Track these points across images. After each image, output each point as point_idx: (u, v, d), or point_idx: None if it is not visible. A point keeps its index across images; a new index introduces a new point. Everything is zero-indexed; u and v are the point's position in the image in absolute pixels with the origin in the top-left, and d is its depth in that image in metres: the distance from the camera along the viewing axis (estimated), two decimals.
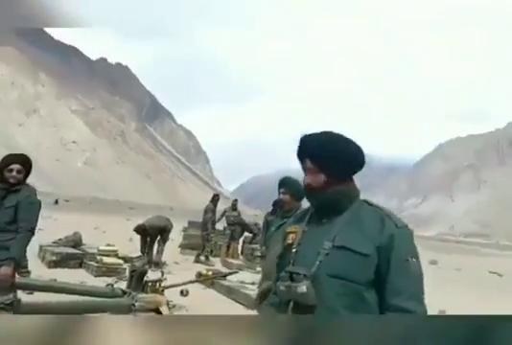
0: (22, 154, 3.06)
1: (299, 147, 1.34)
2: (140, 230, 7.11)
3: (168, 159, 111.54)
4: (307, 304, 1.16)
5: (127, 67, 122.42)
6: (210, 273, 5.97)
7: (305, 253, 1.21)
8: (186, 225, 10.45)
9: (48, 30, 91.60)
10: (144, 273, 4.34)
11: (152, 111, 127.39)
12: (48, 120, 76.15)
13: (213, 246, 9.00)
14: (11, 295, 2.90)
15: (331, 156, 1.26)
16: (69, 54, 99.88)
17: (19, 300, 2.96)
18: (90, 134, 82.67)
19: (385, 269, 1.15)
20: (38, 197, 3.18)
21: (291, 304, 1.17)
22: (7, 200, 2.87)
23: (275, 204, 3.76)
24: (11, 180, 2.87)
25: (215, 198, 8.68)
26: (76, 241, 6.87)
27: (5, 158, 2.95)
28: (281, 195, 2.91)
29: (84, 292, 4.02)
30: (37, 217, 2.90)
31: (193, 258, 8.36)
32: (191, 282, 5.09)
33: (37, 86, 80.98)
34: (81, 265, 6.26)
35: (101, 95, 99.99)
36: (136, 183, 74.27)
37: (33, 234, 2.85)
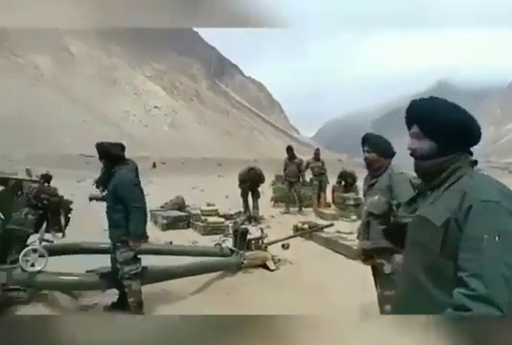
0: (96, 143, 3.23)
1: (408, 111, 1.33)
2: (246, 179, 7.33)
3: (244, 113, 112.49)
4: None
5: (188, 27, 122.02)
6: (306, 226, 6.14)
7: None
8: (273, 178, 10.64)
9: None
10: (246, 232, 4.60)
11: (220, 67, 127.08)
12: (128, 88, 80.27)
13: (302, 197, 9.11)
14: (137, 265, 3.27)
15: (440, 123, 1.21)
16: None
17: (146, 268, 3.33)
18: (168, 98, 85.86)
19: (460, 243, 1.11)
20: (139, 162, 3.46)
21: None
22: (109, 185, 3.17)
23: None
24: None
25: (288, 151, 8.57)
26: (180, 204, 7.47)
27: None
28: (366, 154, 2.68)
29: (197, 253, 4.41)
30: (138, 194, 3.13)
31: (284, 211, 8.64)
32: (290, 237, 5.30)
33: (112, 58, 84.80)
34: (188, 226, 6.85)
35: (171, 58, 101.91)
36: (219, 141, 76.73)
37: (140, 208, 3.07)
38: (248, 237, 4.66)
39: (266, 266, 4.51)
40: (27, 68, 68.66)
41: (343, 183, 9.13)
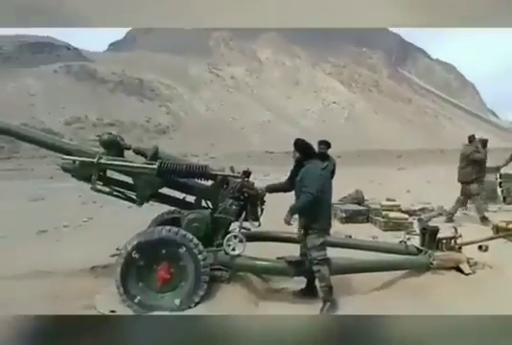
0: (296, 139, 3.65)
1: None
2: None
3: (427, 99, 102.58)
4: None
5: None
6: (510, 226, 5.24)
7: None
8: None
9: None
10: (436, 231, 4.23)
11: (402, 53, 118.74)
12: (309, 87, 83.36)
13: (505, 193, 7.81)
14: (324, 251, 3.48)
15: None
16: None
17: (329, 258, 3.48)
18: (346, 92, 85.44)
19: None
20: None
21: None
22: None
23: None
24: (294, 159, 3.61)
25: (470, 140, 7.07)
26: (359, 199, 7.42)
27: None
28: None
29: (379, 249, 4.30)
30: (314, 182, 3.36)
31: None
32: (491, 238, 4.62)
33: (295, 60, 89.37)
34: (367, 220, 6.75)
35: (349, 51, 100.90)
36: (398, 130, 72.30)
37: (311, 195, 3.33)
38: (439, 236, 4.29)
39: (459, 269, 4.07)
40: (226, 79, 78.93)
41: None
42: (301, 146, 3.56)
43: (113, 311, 3.41)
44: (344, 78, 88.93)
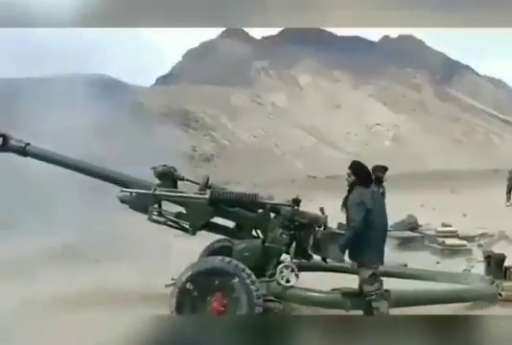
0: (352, 161, 3.61)
1: None
2: None
3: (477, 117, 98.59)
4: None
5: (411, 35, 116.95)
6: None
7: None
8: None
9: (330, 29, 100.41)
10: (503, 259, 3.96)
11: (447, 71, 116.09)
12: (351, 110, 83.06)
13: None
14: (377, 284, 3.28)
15: None
16: (352, 43, 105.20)
17: (388, 291, 3.31)
18: (390, 113, 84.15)
19: None
20: None
21: None
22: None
23: None
24: (346, 183, 3.49)
25: None
26: (412, 224, 7.13)
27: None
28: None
29: (445, 279, 4.05)
30: (356, 213, 3.27)
31: None
32: None
33: (335, 83, 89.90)
34: (423, 247, 6.43)
35: (391, 72, 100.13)
36: (448, 151, 69.53)
37: (353, 228, 3.26)
38: (506, 264, 3.99)
39: None
40: (266, 106, 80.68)
41: None
42: (357, 168, 3.46)
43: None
44: (387, 99, 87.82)
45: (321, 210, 3.84)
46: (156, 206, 3.98)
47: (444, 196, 16.63)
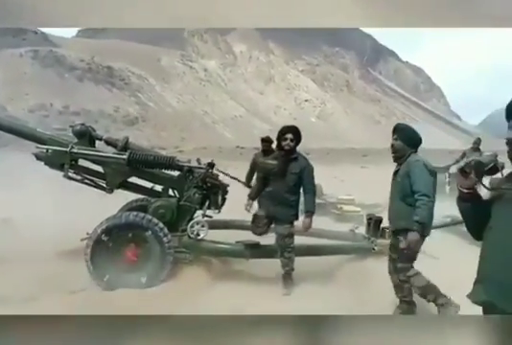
0: (293, 126, 3.79)
1: (509, 107, 1.49)
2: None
3: (396, 101, 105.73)
4: None
5: None
6: (449, 219, 5.84)
7: None
8: None
9: None
10: (380, 221, 4.74)
11: (374, 54, 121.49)
12: (282, 84, 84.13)
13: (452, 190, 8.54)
14: (292, 240, 3.83)
15: None
16: None
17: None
18: (319, 90, 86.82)
19: None
20: None
21: None
22: (291, 167, 3.68)
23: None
24: (286, 147, 3.64)
25: None
26: (317, 193, 7.91)
27: (281, 129, 3.75)
28: (392, 141, 3.07)
29: (334, 236, 4.79)
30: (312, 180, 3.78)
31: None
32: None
33: (269, 56, 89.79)
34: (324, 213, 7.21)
35: (323, 50, 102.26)
36: (366, 130, 74.34)
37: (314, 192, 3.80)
38: (382, 225, 4.79)
39: None
40: (198, 71, 78.18)
41: None
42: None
43: (83, 290, 3.70)
44: (317, 76, 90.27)
45: (197, 160, 4.30)
46: (73, 164, 4.07)
47: (355, 171, 18.21)
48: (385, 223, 4.88)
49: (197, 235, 3.87)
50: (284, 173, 3.65)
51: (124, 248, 3.67)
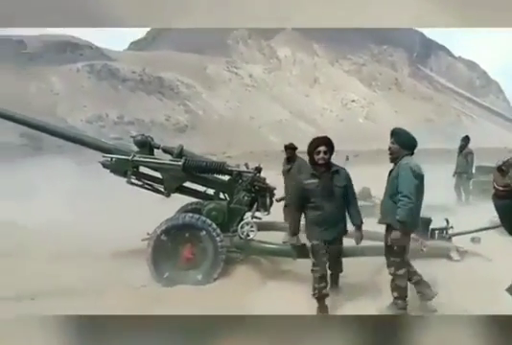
0: (325, 137, 3.48)
1: None
2: None
3: (450, 98, 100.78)
4: None
5: None
6: None
7: None
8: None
9: None
10: (429, 221, 4.72)
11: (424, 50, 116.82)
12: (327, 85, 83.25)
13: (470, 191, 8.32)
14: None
15: None
16: None
17: None
18: (366, 90, 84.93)
19: None
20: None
21: None
22: (336, 181, 3.36)
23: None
24: (321, 162, 3.33)
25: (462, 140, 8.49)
26: (365, 195, 7.91)
27: (312, 142, 3.39)
28: (390, 144, 3.33)
29: (379, 238, 4.81)
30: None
31: (484, 206, 7.94)
32: (480, 230, 5.07)
33: (314, 57, 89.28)
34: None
35: (369, 48, 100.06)
36: (418, 129, 71.16)
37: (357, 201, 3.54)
38: (431, 226, 4.77)
39: (449, 257, 4.55)
40: (244, 77, 79.57)
41: None
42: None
43: (144, 286, 4.05)
44: (364, 76, 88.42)
45: (246, 165, 4.50)
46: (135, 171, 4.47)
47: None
48: (436, 224, 4.89)
49: (247, 235, 4.10)
50: (331, 190, 3.33)
51: (181, 247, 3.99)
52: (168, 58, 77.41)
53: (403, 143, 3.29)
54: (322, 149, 3.34)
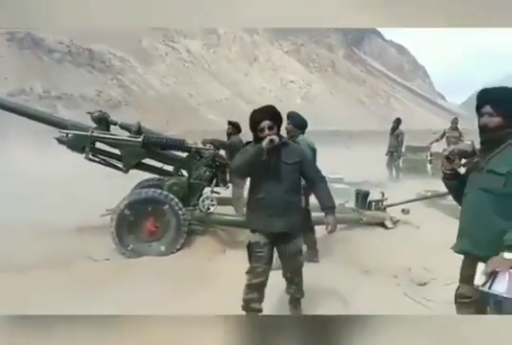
0: (268, 107, 2.68)
1: (481, 94, 1.96)
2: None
3: (381, 81, 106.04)
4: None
5: None
6: (429, 194, 6.46)
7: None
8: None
9: None
10: (367, 194, 5.31)
11: (359, 34, 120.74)
12: (267, 65, 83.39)
13: (433, 169, 9.23)
14: None
15: (510, 104, 1.83)
16: None
17: None
18: (304, 71, 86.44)
19: None
20: None
21: None
22: (284, 156, 2.66)
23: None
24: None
25: (393, 122, 9.45)
26: None
27: (253, 116, 2.64)
28: (286, 125, 3.85)
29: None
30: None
31: (413, 181, 8.88)
32: (409, 201, 5.78)
33: (254, 36, 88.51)
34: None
35: (308, 29, 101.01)
36: (351, 111, 74.85)
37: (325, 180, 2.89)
38: (369, 199, 5.36)
39: (384, 225, 5.19)
40: (182, 52, 76.82)
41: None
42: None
43: (108, 259, 4.18)
44: (302, 57, 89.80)
45: (202, 142, 4.78)
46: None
47: (341, 152, 18.81)
48: (372, 197, 5.50)
49: (208, 209, 4.37)
50: (277, 167, 2.62)
51: (144, 221, 4.15)
52: (99, 29, 72.35)
53: (297, 124, 4.00)
54: (266, 124, 2.58)
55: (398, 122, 9.29)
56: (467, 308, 2.09)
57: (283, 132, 2.86)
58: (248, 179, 2.77)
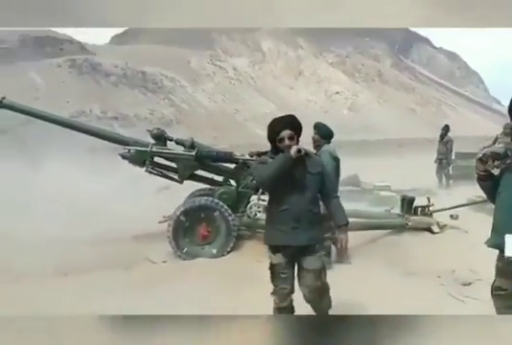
0: (287, 116, 2.69)
1: None
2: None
3: (431, 88, 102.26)
4: None
5: None
6: (479, 199, 6.32)
7: None
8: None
9: None
10: (412, 200, 5.37)
11: (406, 42, 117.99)
12: (312, 78, 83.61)
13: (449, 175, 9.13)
14: None
15: None
16: None
17: None
18: (350, 82, 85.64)
19: None
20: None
21: None
22: (309, 166, 2.68)
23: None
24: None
25: (442, 129, 9.65)
26: (353, 182, 8.57)
27: (272, 125, 2.63)
28: (313, 135, 4.19)
29: (368, 216, 5.45)
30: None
31: (463, 188, 8.65)
32: (457, 206, 5.74)
33: (298, 50, 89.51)
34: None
35: (352, 40, 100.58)
36: (401, 120, 72.72)
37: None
38: (415, 204, 5.41)
39: (431, 230, 5.20)
40: (228, 70, 79.31)
41: None
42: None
43: (165, 262, 4.60)
44: (347, 68, 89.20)
45: (249, 154, 4.99)
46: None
47: (391, 161, 18.50)
48: (418, 203, 5.53)
49: (255, 215, 4.68)
50: (303, 177, 2.57)
51: (198, 226, 4.55)
52: (150, 52, 76.70)
53: (323, 134, 4.25)
54: (287, 133, 2.55)
55: (446, 129, 9.19)
56: (503, 300, 2.19)
57: (309, 142, 3.76)
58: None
